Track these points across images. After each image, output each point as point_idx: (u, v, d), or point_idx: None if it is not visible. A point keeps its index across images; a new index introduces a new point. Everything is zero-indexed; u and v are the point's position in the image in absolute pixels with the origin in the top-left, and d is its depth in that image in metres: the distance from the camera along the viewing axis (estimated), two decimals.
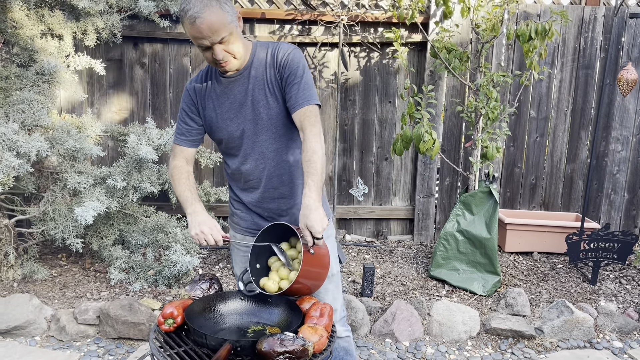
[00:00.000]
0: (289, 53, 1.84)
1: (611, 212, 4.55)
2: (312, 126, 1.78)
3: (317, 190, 1.69)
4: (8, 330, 3.04)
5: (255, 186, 1.97)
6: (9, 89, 3.25)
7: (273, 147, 1.91)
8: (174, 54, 4.25)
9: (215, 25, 1.67)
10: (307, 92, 1.81)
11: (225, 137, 1.95)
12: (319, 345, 1.54)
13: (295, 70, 1.82)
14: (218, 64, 1.78)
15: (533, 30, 3.32)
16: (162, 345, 1.63)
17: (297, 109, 1.80)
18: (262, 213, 2.01)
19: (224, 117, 1.92)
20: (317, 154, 1.73)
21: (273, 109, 1.87)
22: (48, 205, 3.28)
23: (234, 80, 1.88)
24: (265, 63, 1.86)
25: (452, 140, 4.40)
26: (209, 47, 1.73)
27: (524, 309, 3.31)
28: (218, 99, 1.92)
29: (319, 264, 1.73)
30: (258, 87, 1.86)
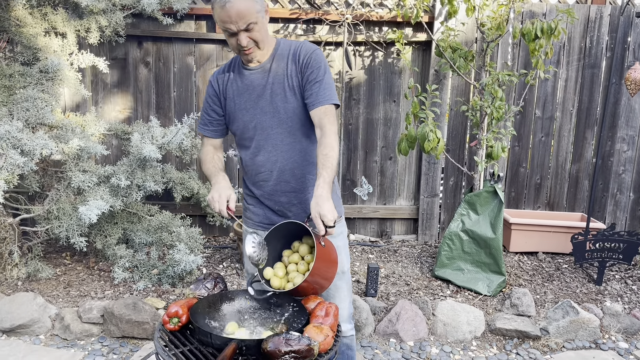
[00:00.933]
0: (312, 52, 1.91)
1: (617, 212, 4.52)
2: (330, 124, 1.84)
3: (329, 184, 1.73)
4: (12, 328, 3.04)
5: (267, 179, 2.00)
6: (13, 87, 3.25)
7: (287, 140, 1.95)
8: (178, 53, 4.25)
9: (243, 12, 1.75)
10: (328, 91, 1.88)
11: (241, 127, 2.00)
12: (325, 345, 1.53)
13: (317, 69, 1.88)
14: (242, 51, 1.85)
15: (539, 29, 3.30)
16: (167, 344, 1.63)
17: (317, 106, 1.86)
18: (273, 206, 2.04)
19: (241, 107, 1.98)
20: (334, 150, 1.79)
21: (290, 104, 1.92)
22: (52, 204, 3.28)
23: (255, 72, 1.95)
24: (287, 59, 1.93)
25: (456, 140, 4.38)
26: (234, 33, 1.80)
27: (529, 309, 3.30)
28: (238, 89, 1.98)
29: (330, 260, 1.73)
30: (278, 81, 1.92)
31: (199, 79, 4.30)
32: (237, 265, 3.90)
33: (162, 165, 3.77)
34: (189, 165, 4.32)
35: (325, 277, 1.74)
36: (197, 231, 3.58)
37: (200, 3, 4.16)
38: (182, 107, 4.33)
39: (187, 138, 3.60)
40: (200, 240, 3.56)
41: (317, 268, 1.66)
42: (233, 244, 4.28)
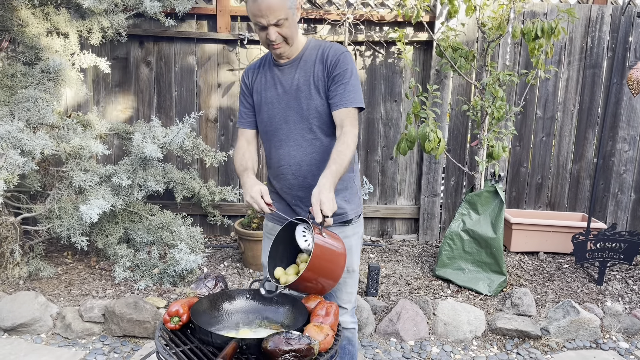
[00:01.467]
0: (341, 53, 1.94)
1: (618, 212, 4.52)
2: (352, 126, 1.88)
3: (335, 176, 1.75)
4: (14, 327, 3.05)
5: (286, 172, 2.05)
6: (15, 87, 3.26)
7: (308, 137, 2.00)
8: (180, 52, 4.25)
9: (274, 7, 1.78)
10: (353, 93, 1.91)
11: (265, 120, 2.05)
12: (325, 344, 1.53)
13: (345, 70, 1.91)
14: (270, 45, 1.89)
15: (539, 29, 3.30)
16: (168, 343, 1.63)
17: (340, 107, 1.90)
18: (290, 201, 2.09)
19: (267, 101, 2.03)
20: (349, 149, 1.83)
21: (314, 102, 1.96)
22: (54, 203, 3.29)
23: (283, 68, 2.00)
24: (316, 58, 1.96)
25: (457, 140, 4.38)
26: (264, 27, 1.83)
27: (529, 309, 3.30)
28: (266, 83, 2.04)
29: (332, 259, 1.71)
30: (304, 79, 1.96)
31: (200, 79, 4.30)
32: (237, 264, 3.90)
33: (164, 165, 3.77)
34: (190, 165, 4.32)
35: (326, 272, 1.71)
36: (198, 231, 3.59)
37: (201, 3, 4.17)
38: (184, 106, 4.33)
39: (188, 138, 3.61)
40: (201, 240, 3.57)
41: (315, 263, 1.63)
42: (234, 243, 4.29)
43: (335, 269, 1.73)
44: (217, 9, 4.12)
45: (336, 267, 1.72)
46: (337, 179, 1.77)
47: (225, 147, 4.36)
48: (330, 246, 1.70)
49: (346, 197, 2.07)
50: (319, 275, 1.69)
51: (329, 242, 1.70)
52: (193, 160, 4.31)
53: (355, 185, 2.13)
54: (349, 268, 2.13)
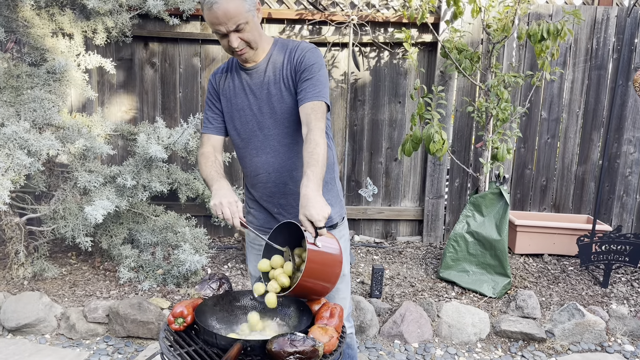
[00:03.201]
0: (307, 50, 1.86)
1: (623, 214, 4.50)
2: (317, 121, 1.76)
3: (316, 181, 1.63)
4: (18, 327, 3.05)
5: (266, 180, 1.97)
6: (20, 87, 3.27)
7: (285, 141, 1.91)
8: (184, 53, 4.26)
9: (231, 12, 1.71)
10: (317, 88, 1.81)
11: (238, 128, 1.97)
12: (329, 346, 1.53)
13: (310, 67, 1.83)
14: (234, 52, 1.81)
15: (545, 31, 3.29)
16: (172, 344, 1.63)
17: (304, 102, 1.80)
18: (272, 209, 2.01)
19: (238, 107, 1.94)
20: (319, 147, 1.70)
21: (287, 104, 1.88)
22: (58, 204, 3.29)
23: (251, 72, 1.91)
24: (284, 59, 1.88)
25: (462, 141, 4.37)
26: (225, 34, 1.76)
27: (534, 311, 3.28)
28: (235, 89, 1.95)
29: (328, 263, 1.65)
30: (274, 82, 1.88)
31: (204, 80, 4.31)
32: (241, 265, 3.90)
33: (168, 166, 3.78)
34: (194, 165, 4.33)
35: (322, 279, 1.66)
36: (202, 231, 3.59)
37: None
38: (188, 107, 4.34)
39: (193, 139, 3.61)
40: (205, 241, 3.57)
41: (310, 271, 1.59)
42: (238, 244, 4.29)
43: (332, 272, 1.67)
44: None
45: (332, 270, 1.66)
46: (319, 180, 1.65)
47: (230, 148, 4.36)
48: (324, 256, 1.63)
49: (329, 201, 1.94)
50: (316, 280, 1.64)
51: (323, 253, 1.62)
52: (197, 161, 4.31)
53: (337, 187, 2.05)
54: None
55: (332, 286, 1.69)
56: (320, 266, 1.62)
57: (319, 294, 1.71)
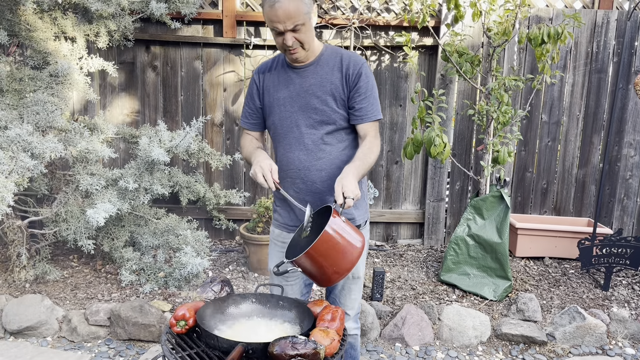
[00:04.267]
0: (362, 65, 1.98)
1: (624, 217, 4.50)
2: (374, 138, 1.99)
3: (358, 170, 1.81)
4: (20, 330, 3.06)
5: (294, 176, 2.04)
6: (23, 90, 3.28)
7: (318, 142, 2.00)
8: (186, 57, 4.28)
9: (291, 12, 1.79)
10: (376, 106, 2.00)
11: (276, 122, 2.05)
12: (331, 349, 1.53)
13: (367, 83, 1.96)
14: (287, 50, 1.90)
15: (545, 34, 3.30)
16: (174, 346, 1.64)
17: (365, 121, 1.98)
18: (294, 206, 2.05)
19: (279, 102, 2.02)
20: (373, 153, 1.93)
21: (328, 108, 1.97)
22: (60, 207, 3.30)
23: (298, 71, 1.99)
24: (334, 65, 1.98)
25: (463, 144, 4.38)
26: (281, 32, 1.84)
27: (535, 314, 3.29)
28: (279, 85, 2.03)
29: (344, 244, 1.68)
30: (320, 84, 1.97)
31: (205, 83, 4.32)
32: (242, 268, 3.91)
33: (169, 169, 3.79)
34: (196, 168, 4.34)
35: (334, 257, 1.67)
36: (203, 234, 3.60)
37: (207, 8, 4.19)
38: (190, 110, 4.35)
39: (194, 142, 3.62)
40: (206, 244, 3.57)
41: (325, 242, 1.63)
42: (239, 247, 4.30)
43: (344, 259, 1.69)
44: (223, 14, 4.14)
45: (344, 257, 1.69)
46: (360, 174, 1.82)
47: (231, 151, 4.37)
48: (345, 233, 1.69)
49: (355, 203, 2.06)
50: (324, 258, 1.66)
51: (345, 229, 1.69)
52: (198, 164, 4.32)
53: (364, 191, 2.14)
54: (355, 274, 2.15)
55: (339, 274, 1.70)
56: (335, 243, 1.67)
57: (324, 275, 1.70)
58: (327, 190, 2.02)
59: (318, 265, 1.68)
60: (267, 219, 3.84)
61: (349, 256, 1.69)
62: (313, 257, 1.66)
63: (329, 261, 1.67)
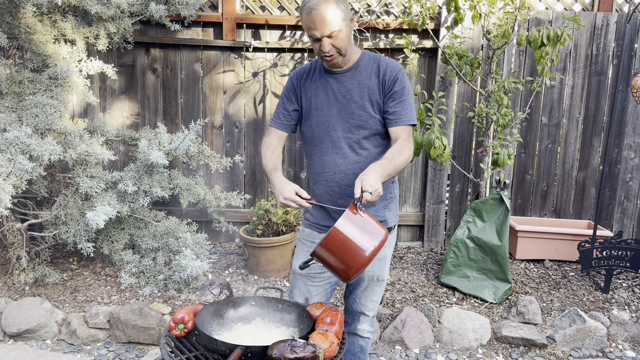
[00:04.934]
0: (399, 71, 1.99)
1: (624, 220, 4.50)
2: (407, 141, 1.95)
3: (383, 169, 1.78)
4: (20, 333, 3.05)
5: (330, 179, 2.06)
6: (23, 93, 3.28)
7: (355, 146, 2.02)
8: (186, 59, 4.28)
9: (327, 19, 1.82)
10: (410, 111, 1.99)
11: (313, 126, 2.07)
12: (330, 352, 1.53)
13: (403, 88, 1.98)
14: (324, 56, 1.92)
15: (545, 37, 3.30)
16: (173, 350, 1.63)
17: (398, 124, 1.97)
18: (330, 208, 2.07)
19: (317, 107, 2.04)
20: (403, 155, 1.89)
21: (366, 113, 1.99)
22: (60, 209, 3.30)
23: (336, 76, 2.02)
24: (371, 71, 2.00)
25: (462, 147, 4.38)
26: (318, 38, 1.87)
27: (535, 317, 3.28)
28: (317, 89, 2.05)
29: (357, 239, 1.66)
30: (358, 90, 1.99)
31: (205, 86, 4.33)
32: (242, 271, 3.90)
33: (169, 171, 3.79)
34: (196, 171, 4.34)
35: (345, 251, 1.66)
36: (203, 237, 3.59)
37: (207, 10, 4.19)
38: (189, 113, 4.35)
39: (194, 144, 3.62)
40: (206, 246, 3.57)
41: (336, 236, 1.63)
42: (238, 250, 4.29)
43: (356, 254, 1.66)
44: (223, 17, 4.14)
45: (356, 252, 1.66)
46: (386, 172, 1.79)
47: (231, 153, 4.37)
48: (360, 229, 1.67)
49: (388, 207, 2.10)
50: (338, 251, 1.66)
51: (361, 225, 1.67)
52: (198, 167, 4.32)
53: (395, 196, 2.16)
54: (379, 277, 2.17)
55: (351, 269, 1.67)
56: (345, 238, 1.65)
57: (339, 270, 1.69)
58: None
59: (333, 259, 1.69)
60: (267, 222, 3.84)
61: (361, 252, 1.66)
62: (327, 250, 1.67)
63: (340, 256, 1.67)
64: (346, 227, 1.65)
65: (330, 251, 1.67)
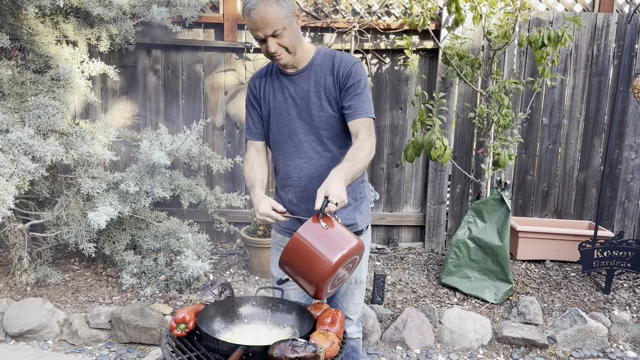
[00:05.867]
0: (353, 64, 1.92)
1: (625, 220, 4.50)
2: (367, 135, 1.87)
3: (346, 173, 1.70)
4: (21, 333, 3.06)
5: (296, 184, 2.02)
6: (25, 94, 3.29)
7: (318, 149, 1.97)
8: (187, 60, 4.29)
9: (268, 18, 1.76)
10: (366, 104, 1.91)
11: (274, 131, 2.02)
12: (331, 352, 1.53)
13: (358, 82, 1.90)
14: (272, 56, 1.87)
15: (546, 37, 3.31)
16: (175, 350, 1.64)
17: (355, 118, 1.89)
18: (298, 213, 2.03)
19: (276, 111, 1.99)
20: (363, 152, 1.79)
21: (325, 113, 1.94)
22: (62, 210, 3.31)
23: (292, 78, 1.96)
24: (326, 69, 1.93)
25: (463, 147, 4.38)
26: (263, 39, 1.82)
27: (536, 317, 3.28)
28: (274, 94, 2.00)
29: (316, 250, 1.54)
30: (315, 90, 1.93)
31: (206, 87, 4.33)
32: (243, 271, 3.91)
33: (171, 172, 3.79)
34: (197, 171, 4.34)
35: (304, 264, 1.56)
36: (204, 237, 3.60)
37: (208, 12, 4.20)
38: (191, 114, 4.36)
39: (195, 145, 3.62)
40: (207, 247, 3.58)
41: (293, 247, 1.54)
42: (240, 250, 4.30)
43: (314, 267, 1.54)
44: (224, 18, 4.15)
45: (314, 265, 1.54)
46: (350, 175, 1.71)
47: (232, 154, 4.38)
48: (319, 240, 1.55)
49: (357, 208, 2.05)
50: (297, 265, 1.57)
51: (320, 234, 1.55)
52: (200, 167, 4.33)
53: (366, 196, 2.11)
54: (357, 279, 2.14)
55: (312, 284, 1.57)
56: (306, 249, 1.55)
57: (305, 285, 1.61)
58: None
59: (295, 272, 1.61)
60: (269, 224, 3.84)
61: (320, 264, 1.54)
62: (288, 264, 1.59)
63: (299, 270, 1.59)
64: (304, 239, 1.55)
65: (290, 265, 1.60)
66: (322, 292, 1.59)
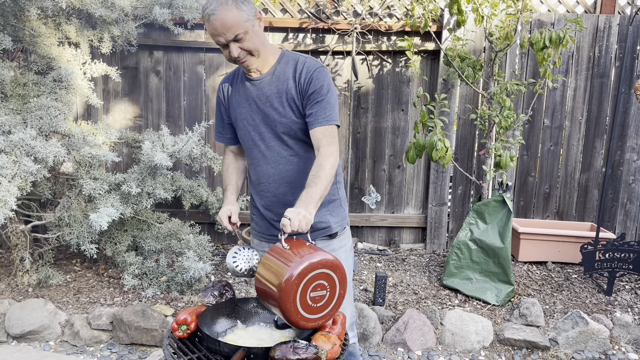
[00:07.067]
0: (315, 70, 1.86)
1: (627, 222, 4.49)
2: (328, 145, 1.81)
3: (311, 201, 1.67)
4: (23, 334, 3.07)
5: (266, 189, 2.01)
6: (27, 95, 3.30)
7: (284, 154, 1.95)
8: (189, 62, 4.30)
9: (228, 23, 1.74)
10: (327, 111, 1.84)
11: (243, 136, 2.02)
12: (332, 354, 1.53)
13: (320, 88, 1.84)
14: (236, 61, 1.84)
15: (547, 39, 3.31)
16: (176, 351, 1.64)
17: (315, 126, 1.84)
18: (272, 217, 2.04)
19: (242, 116, 1.98)
20: (324, 171, 1.75)
21: (287, 118, 1.90)
22: (64, 211, 3.31)
23: (256, 83, 1.93)
24: (289, 74, 1.89)
25: (465, 149, 4.38)
26: (225, 44, 1.79)
27: (538, 319, 3.28)
28: (240, 98, 1.98)
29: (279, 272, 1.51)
30: (277, 96, 1.90)
31: (208, 88, 4.34)
32: None
33: (172, 173, 3.80)
34: (198, 173, 4.35)
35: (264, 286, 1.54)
36: (205, 239, 3.60)
37: None
38: (192, 115, 4.37)
39: (197, 146, 3.63)
40: (208, 248, 3.58)
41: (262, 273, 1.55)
42: None
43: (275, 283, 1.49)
44: None
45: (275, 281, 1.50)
46: (315, 199, 1.68)
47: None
48: (279, 257, 1.54)
49: (330, 210, 2.01)
50: (261, 291, 1.56)
51: (279, 254, 1.55)
52: (201, 168, 4.34)
53: (340, 197, 2.06)
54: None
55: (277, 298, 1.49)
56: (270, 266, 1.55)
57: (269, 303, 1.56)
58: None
59: (263, 298, 1.58)
60: None
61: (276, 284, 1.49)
62: (258, 290, 1.58)
63: (265, 295, 1.56)
64: (266, 261, 1.56)
65: (259, 292, 1.58)
66: (293, 315, 1.51)
